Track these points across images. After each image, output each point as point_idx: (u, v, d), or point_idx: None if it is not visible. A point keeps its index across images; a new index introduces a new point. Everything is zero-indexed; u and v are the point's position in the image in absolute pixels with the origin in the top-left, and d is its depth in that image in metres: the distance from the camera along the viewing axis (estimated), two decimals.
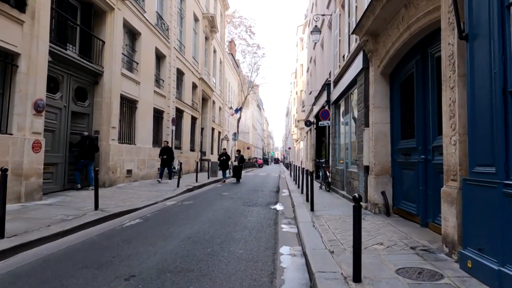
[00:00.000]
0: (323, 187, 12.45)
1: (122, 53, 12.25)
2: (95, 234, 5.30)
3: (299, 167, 16.39)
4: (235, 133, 27.42)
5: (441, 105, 4.07)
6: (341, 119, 11.84)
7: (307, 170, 9.34)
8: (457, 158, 3.61)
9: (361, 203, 3.20)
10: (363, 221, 6.07)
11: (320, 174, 12.66)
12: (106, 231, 5.53)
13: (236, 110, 34.82)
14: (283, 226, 6.31)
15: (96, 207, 6.71)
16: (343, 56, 11.02)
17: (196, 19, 21.86)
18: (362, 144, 7.66)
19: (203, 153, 25.14)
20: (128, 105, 12.73)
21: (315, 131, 17.84)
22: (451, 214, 3.66)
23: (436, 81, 4.92)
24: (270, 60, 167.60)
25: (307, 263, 3.93)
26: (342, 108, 11.52)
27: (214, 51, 27.97)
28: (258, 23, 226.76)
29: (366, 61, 7.47)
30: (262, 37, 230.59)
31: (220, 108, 30.92)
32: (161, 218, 6.63)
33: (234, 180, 17.09)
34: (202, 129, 24.89)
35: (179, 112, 18.81)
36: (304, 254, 4.34)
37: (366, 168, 7.39)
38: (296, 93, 44.28)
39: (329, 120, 12.30)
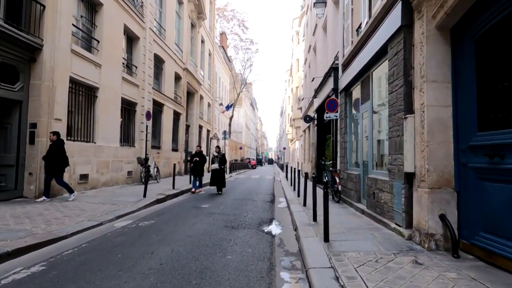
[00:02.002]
0: (330, 196, 9.92)
1: (75, 25, 9.60)
2: None
3: (295, 169, 13.89)
4: (225, 131, 24.79)
5: None
6: (354, 111, 9.34)
7: (313, 177, 6.80)
8: None
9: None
10: (418, 268, 3.58)
11: (326, 180, 10.14)
12: None
13: (227, 107, 32.20)
14: (284, 276, 3.76)
15: None
16: (358, 28, 8.51)
17: (180, 2, 19.23)
18: (399, 140, 5.14)
19: (188, 153, 22.49)
20: (84, 92, 10.07)
21: (315, 127, 15.33)
22: None
23: None
24: (264, 56, 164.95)
25: None
26: (356, 96, 9.01)
27: (202, 41, 25.36)
28: (251, 17, 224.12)
29: (407, 15, 4.95)
30: (255, 32, 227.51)
31: (209, 105, 28.29)
32: (79, 263, 4.00)
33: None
34: (187, 126, 22.26)
35: (158, 106, 16.18)
36: None
37: (409, 177, 4.88)
38: (292, 90, 41.83)
39: (337, 112, 9.79)
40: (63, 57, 8.63)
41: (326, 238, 4.74)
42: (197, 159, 11.60)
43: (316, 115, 15.19)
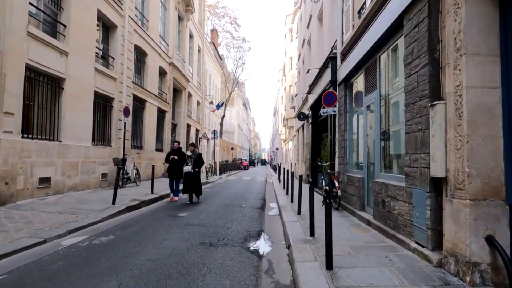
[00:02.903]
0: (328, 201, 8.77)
1: (33, 5, 8.31)
2: None
3: (288, 170, 12.74)
4: (215, 130, 23.52)
5: None
6: (354, 105, 8.21)
7: (310, 181, 5.64)
8: None
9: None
10: None
11: (323, 183, 9.00)
12: None
13: (218, 106, 30.91)
14: None
15: None
16: (360, 10, 7.40)
17: None
18: (421, 135, 4.00)
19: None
20: (46, 83, 8.76)
21: (310, 125, 14.19)
22: None
23: None
24: (256, 55, 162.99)
25: None
26: (358, 88, 7.89)
27: (191, 36, 24.08)
28: (243, 15, 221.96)
29: None
30: (248, 30, 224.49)
31: (198, 103, 27.00)
32: None
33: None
34: (174, 125, 20.97)
35: (140, 102, 14.89)
36: None
37: (436, 182, 3.73)
38: (285, 89, 40.73)
39: (335, 106, 8.65)
40: (16, 40, 7.33)
41: (329, 265, 3.57)
42: (175, 157, 9.53)
43: (310, 112, 14.05)
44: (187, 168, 9.26)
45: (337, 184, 7.68)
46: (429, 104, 3.77)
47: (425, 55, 3.95)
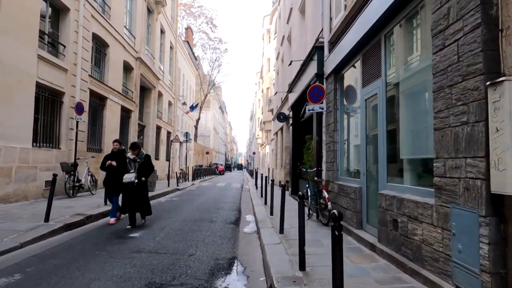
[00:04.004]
0: (314, 216, 7.45)
1: None
2: None
3: (267, 177, 11.40)
4: (187, 132, 21.78)
5: None
6: (345, 102, 6.98)
7: (300, 195, 4.28)
8: None
9: None
10: None
11: (308, 193, 7.68)
12: None
13: (192, 107, 29.16)
14: None
15: None
16: None
17: None
18: (469, 131, 2.73)
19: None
20: None
21: (291, 127, 12.91)
22: None
23: None
24: (233, 57, 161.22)
25: None
26: (349, 81, 6.66)
27: (162, 32, 22.39)
28: (220, 15, 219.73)
29: None
30: (224, 31, 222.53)
31: (170, 103, 25.22)
32: None
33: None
34: (142, 126, 19.17)
35: (99, 99, 13.10)
36: None
37: (498, 203, 2.45)
38: (262, 92, 39.58)
39: (322, 103, 7.39)
40: None
41: None
42: (113, 163, 7.06)
43: (291, 113, 12.79)
44: (129, 177, 6.46)
45: (326, 195, 6.36)
46: (488, 83, 2.50)
47: (474, 12, 2.69)
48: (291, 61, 10.12)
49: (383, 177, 4.66)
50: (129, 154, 6.77)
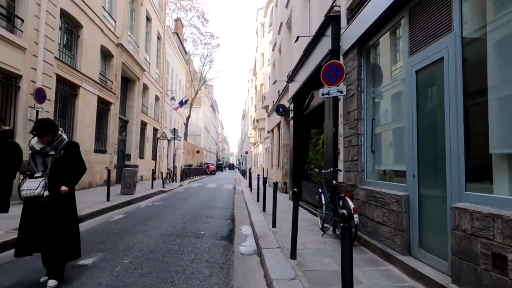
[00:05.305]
0: (330, 229, 5.81)
1: None
2: None
3: (266, 179, 9.76)
4: (175, 129, 19.97)
5: None
6: (377, 81, 5.38)
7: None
8: None
9: None
10: None
11: (321, 200, 6.05)
12: None
13: (181, 103, 27.31)
14: None
15: None
16: None
17: None
18: None
19: (126, 156, 17.60)
20: None
21: (292, 121, 11.27)
22: None
23: None
24: (225, 53, 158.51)
25: None
26: (384, 53, 5.05)
27: (149, 19, 20.59)
28: (212, 9, 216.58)
29: None
30: (216, 26, 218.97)
31: (157, 98, 23.38)
32: None
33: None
34: (125, 122, 17.36)
35: (71, 88, 11.31)
36: None
37: None
38: (255, 88, 37.89)
39: (339, 85, 5.76)
40: None
41: None
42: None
43: (292, 105, 11.16)
44: (31, 187, 3.26)
45: (351, 204, 4.73)
46: None
47: None
48: (298, 37, 8.44)
49: (457, 182, 3.05)
50: (34, 143, 3.49)
